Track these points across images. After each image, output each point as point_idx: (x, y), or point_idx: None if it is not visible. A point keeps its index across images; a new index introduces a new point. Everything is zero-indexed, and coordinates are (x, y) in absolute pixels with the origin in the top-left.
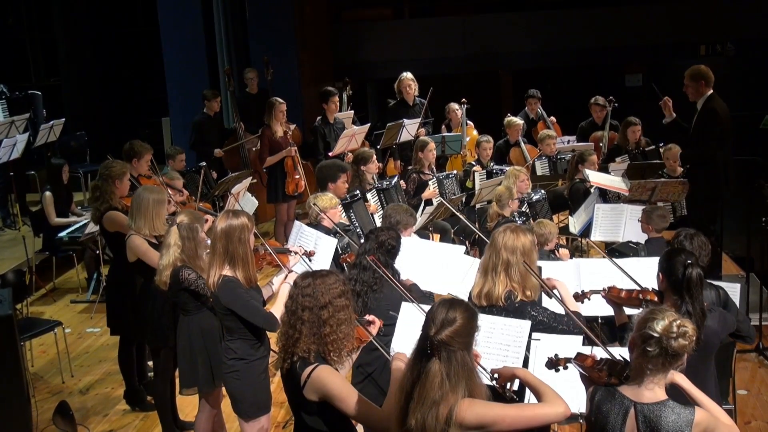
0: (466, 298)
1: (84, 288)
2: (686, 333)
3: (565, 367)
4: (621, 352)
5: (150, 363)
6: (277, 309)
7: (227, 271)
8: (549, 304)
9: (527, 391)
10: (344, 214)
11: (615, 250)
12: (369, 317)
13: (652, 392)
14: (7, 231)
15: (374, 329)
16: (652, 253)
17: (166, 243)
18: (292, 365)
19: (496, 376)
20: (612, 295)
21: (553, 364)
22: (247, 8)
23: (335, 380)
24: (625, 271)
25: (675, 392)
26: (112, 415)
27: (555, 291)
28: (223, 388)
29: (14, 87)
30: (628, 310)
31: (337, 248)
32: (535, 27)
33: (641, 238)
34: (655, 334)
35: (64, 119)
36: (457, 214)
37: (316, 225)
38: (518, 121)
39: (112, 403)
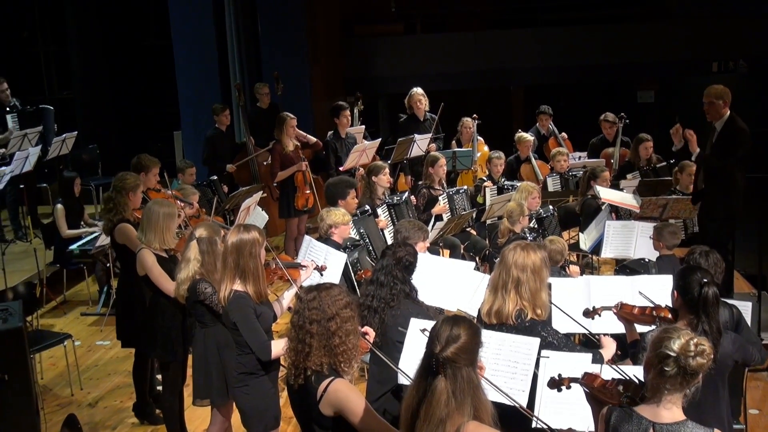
0: (475, 315)
1: (94, 301)
2: (704, 351)
3: (569, 387)
4: (633, 370)
5: (159, 376)
6: (281, 343)
7: (238, 286)
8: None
9: (538, 386)
10: (354, 230)
11: (626, 267)
12: (363, 329)
13: (671, 412)
14: (19, 243)
15: (370, 338)
16: (663, 270)
17: (186, 257)
18: (306, 379)
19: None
20: (624, 312)
21: (556, 383)
22: (259, 23)
23: (351, 394)
24: (640, 289)
25: (692, 412)
26: (121, 429)
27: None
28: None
29: (27, 100)
30: (639, 327)
31: (347, 264)
32: (546, 43)
33: (652, 255)
34: (672, 354)
35: (76, 132)
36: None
37: (326, 240)
38: (528, 137)
39: (121, 416)
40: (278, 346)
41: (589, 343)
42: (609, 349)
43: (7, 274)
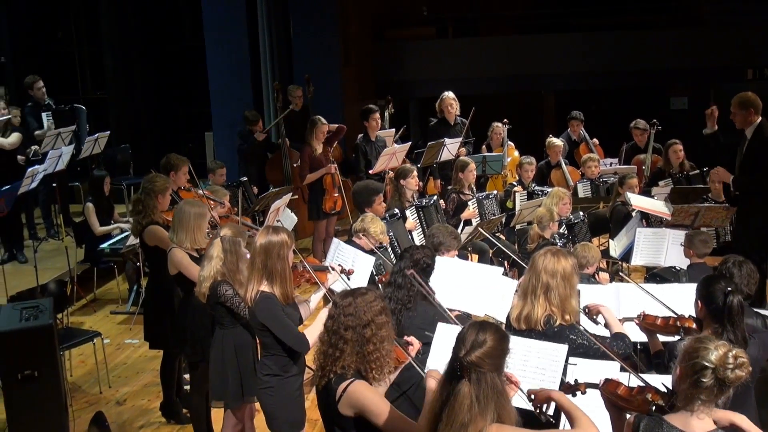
0: (503, 320)
1: (124, 299)
2: (743, 364)
3: (584, 392)
4: (660, 380)
5: (186, 376)
6: (314, 329)
7: (265, 287)
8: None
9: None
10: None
11: (656, 275)
12: (408, 338)
13: (703, 422)
14: (51, 241)
15: (413, 351)
16: (694, 278)
17: (209, 255)
18: (328, 382)
19: (532, 397)
20: (647, 323)
21: (572, 388)
22: (291, 25)
23: (370, 394)
24: (657, 298)
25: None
26: (147, 427)
27: (599, 317)
28: (258, 403)
29: (61, 99)
30: (662, 337)
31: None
32: (578, 48)
33: (683, 263)
34: (710, 365)
35: (109, 132)
36: (492, 239)
37: (354, 243)
38: (558, 142)
39: (148, 415)
40: (313, 335)
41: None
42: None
43: (39, 271)
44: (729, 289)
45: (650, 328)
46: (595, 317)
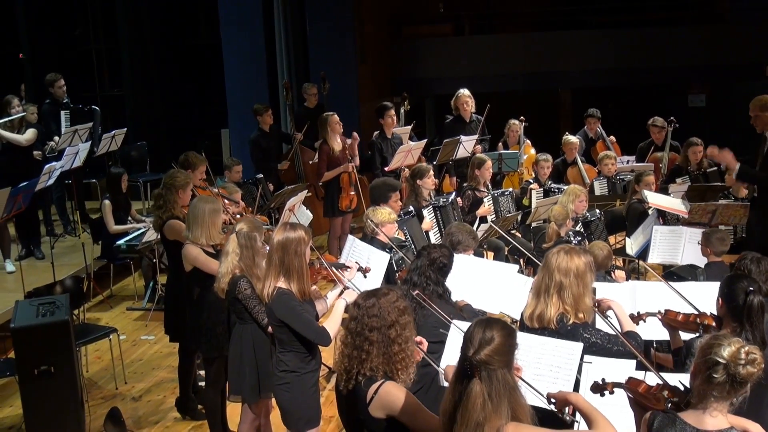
0: (518, 318)
1: (140, 296)
2: (755, 360)
3: (612, 392)
4: (678, 377)
5: (201, 372)
6: (331, 324)
7: (282, 283)
8: (604, 325)
9: (580, 392)
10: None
11: (673, 273)
12: (416, 338)
13: (716, 420)
14: (68, 238)
15: (424, 347)
16: (712, 277)
17: (225, 250)
18: (356, 385)
19: (553, 400)
20: (668, 318)
21: (600, 388)
22: (307, 23)
23: (402, 395)
24: (683, 295)
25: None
26: (163, 423)
27: (609, 312)
28: (273, 400)
29: (78, 97)
30: (683, 335)
31: (391, 263)
32: (596, 45)
33: (700, 261)
34: (722, 360)
35: (125, 129)
36: (507, 236)
37: (371, 240)
38: (574, 139)
39: (164, 410)
40: (333, 328)
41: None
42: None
43: (56, 267)
44: (751, 288)
45: (671, 324)
46: (605, 312)
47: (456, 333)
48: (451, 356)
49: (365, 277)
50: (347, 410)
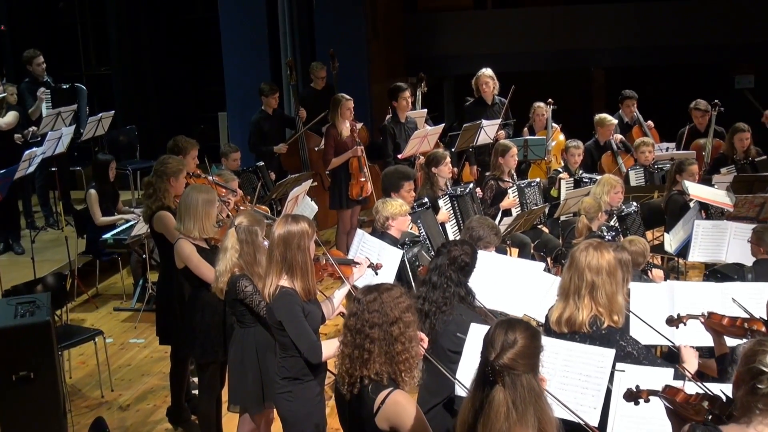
0: (542, 320)
1: (129, 295)
2: None
3: (647, 400)
4: (720, 387)
5: (195, 379)
6: (329, 345)
7: (285, 282)
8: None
9: (612, 402)
10: (411, 224)
11: (716, 272)
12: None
13: None
14: (50, 230)
15: (424, 345)
16: (761, 276)
17: (224, 247)
18: (362, 389)
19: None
20: (712, 322)
21: (633, 396)
22: None
23: (410, 408)
24: (735, 298)
25: None
26: None
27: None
28: (275, 410)
29: (62, 76)
30: (729, 341)
31: (404, 260)
32: (632, 20)
33: (746, 259)
34: (767, 369)
35: (113, 112)
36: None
37: (382, 234)
38: (612, 119)
39: (154, 421)
40: (330, 348)
41: (672, 356)
42: (691, 362)
43: (37, 263)
44: None
45: (716, 329)
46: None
47: (476, 338)
48: (470, 362)
49: (376, 274)
50: (350, 417)
